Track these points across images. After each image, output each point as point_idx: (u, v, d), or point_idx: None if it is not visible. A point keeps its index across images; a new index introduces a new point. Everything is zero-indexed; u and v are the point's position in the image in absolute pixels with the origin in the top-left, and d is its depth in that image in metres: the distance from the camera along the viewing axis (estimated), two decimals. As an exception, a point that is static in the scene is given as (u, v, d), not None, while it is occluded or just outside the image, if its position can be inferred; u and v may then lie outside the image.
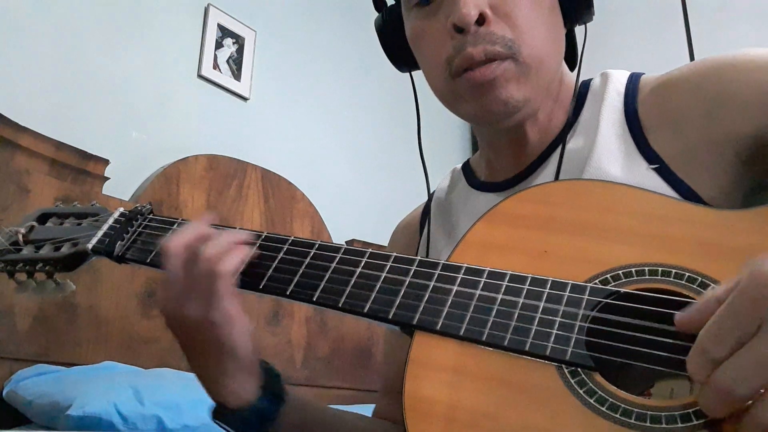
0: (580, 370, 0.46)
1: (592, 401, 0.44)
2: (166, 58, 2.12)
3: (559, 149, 0.68)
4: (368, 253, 0.60)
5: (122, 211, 0.74)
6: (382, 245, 1.42)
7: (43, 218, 0.78)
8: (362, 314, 0.56)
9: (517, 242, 0.56)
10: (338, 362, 2.21)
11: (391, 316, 0.55)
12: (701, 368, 0.37)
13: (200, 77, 2.21)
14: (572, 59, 0.74)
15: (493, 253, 0.56)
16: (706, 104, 0.60)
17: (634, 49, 2.65)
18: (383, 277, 0.58)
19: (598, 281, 0.51)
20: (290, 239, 0.65)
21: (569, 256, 0.53)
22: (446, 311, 0.53)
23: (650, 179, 0.60)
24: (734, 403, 0.36)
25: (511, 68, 0.63)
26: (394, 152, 2.75)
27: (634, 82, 0.69)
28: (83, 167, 1.69)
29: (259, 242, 0.65)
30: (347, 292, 0.58)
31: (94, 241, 0.70)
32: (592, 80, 0.73)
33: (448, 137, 3.15)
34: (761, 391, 0.35)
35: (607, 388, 0.45)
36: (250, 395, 0.62)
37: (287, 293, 0.60)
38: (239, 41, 2.36)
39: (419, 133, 0.81)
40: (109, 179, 1.75)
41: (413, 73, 0.78)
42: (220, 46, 2.29)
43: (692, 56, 2.49)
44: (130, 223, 0.72)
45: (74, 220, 0.76)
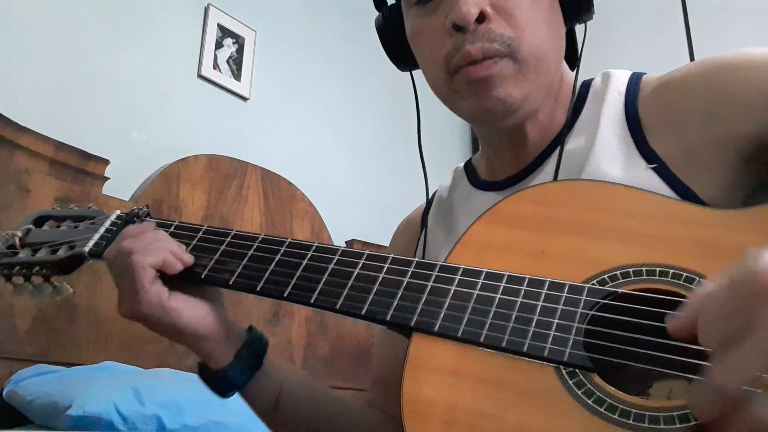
0: (578, 371, 0.46)
1: (590, 402, 0.44)
2: (166, 58, 2.12)
3: (558, 149, 0.68)
4: (366, 254, 0.60)
5: (119, 213, 0.74)
6: (382, 245, 1.42)
7: (39, 221, 0.77)
8: (360, 316, 0.56)
9: (515, 243, 0.56)
10: (338, 362, 2.21)
11: (388, 317, 0.55)
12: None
13: (200, 77, 2.21)
14: (572, 58, 0.74)
15: (490, 253, 0.56)
16: (706, 104, 0.60)
17: (634, 48, 2.65)
18: (381, 278, 0.57)
19: (595, 282, 0.50)
20: (287, 241, 0.65)
21: (567, 256, 0.53)
22: (444, 313, 0.53)
23: (649, 179, 0.60)
24: (725, 403, 0.35)
25: (508, 66, 0.63)
26: (394, 152, 2.75)
27: (635, 82, 0.68)
28: (83, 167, 1.69)
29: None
30: (344, 294, 0.58)
31: (90, 244, 0.70)
32: (593, 80, 0.73)
33: (448, 137, 3.14)
34: (758, 390, 0.34)
35: (605, 389, 0.45)
36: (222, 361, 0.65)
37: (284, 296, 0.60)
38: (239, 41, 2.36)
39: (419, 133, 0.81)
40: (109, 179, 1.76)
41: (413, 72, 0.78)
42: (220, 46, 2.29)
43: (692, 56, 2.49)
44: (126, 225, 0.71)
45: (71, 222, 0.76)
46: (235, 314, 0.73)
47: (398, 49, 0.75)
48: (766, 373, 0.34)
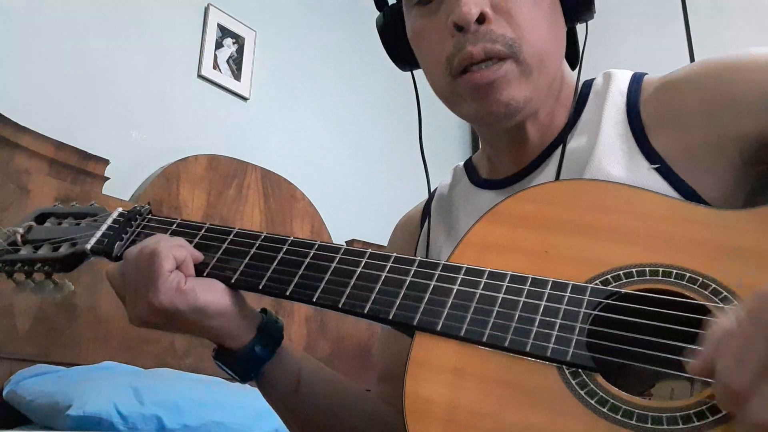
0: (581, 371, 0.46)
1: (593, 402, 0.44)
2: (166, 57, 2.12)
3: (560, 148, 0.68)
4: (368, 253, 0.60)
5: (121, 211, 0.74)
6: (382, 245, 1.42)
7: (41, 218, 0.77)
8: (362, 315, 0.56)
9: (517, 242, 0.56)
10: (338, 362, 2.21)
11: (391, 316, 0.54)
12: (730, 404, 0.37)
13: (200, 77, 2.21)
14: (573, 58, 0.74)
15: (493, 253, 0.56)
16: (708, 105, 0.60)
17: (634, 48, 2.65)
18: (383, 277, 0.57)
19: (598, 282, 0.50)
20: (290, 239, 0.64)
21: (570, 256, 0.53)
22: (447, 312, 0.52)
23: (651, 179, 0.60)
24: None
25: (512, 69, 0.63)
26: (394, 152, 2.75)
27: (637, 82, 0.68)
28: (83, 167, 1.69)
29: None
30: (347, 292, 0.58)
31: (92, 241, 0.70)
32: (594, 80, 0.73)
33: (448, 136, 3.14)
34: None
35: (608, 389, 0.45)
36: (244, 337, 0.65)
37: (287, 294, 0.60)
38: (239, 41, 2.36)
39: (420, 132, 0.81)
40: (109, 179, 1.76)
41: (414, 72, 0.78)
42: (220, 46, 2.29)
43: (692, 56, 2.49)
44: (128, 223, 0.71)
45: (73, 220, 0.76)
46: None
47: (399, 49, 0.75)
48: None
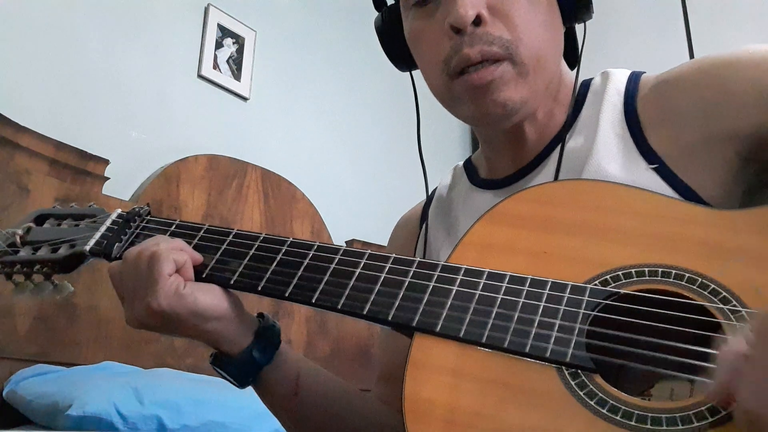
0: (580, 371, 0.46)
1: (592, 403, 0.44)
2: (166, 57, 2.12)
3: (558, 148, 0.68)
4: (367, 254, 0.60)
5: (120, 212, 0.74)
6: (382, 245, 1.42)
7: (40, 219, 0.77)
8: (361, 316, 0.56)
9: (516, 243, 0.56)
10: (338, 362, 2.21)
11: (390, 317, 0.54)
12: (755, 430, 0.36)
13: (200, 77, 2.21)
14: (572, 57, 0.74)
15: (492, 253, 0.56)
16: (705, 103, 0.60)
17: (634, 48, 2.65)
18: (382, 278, 0.57)
19: (597, 282, 0.50)
20: (289, 240, 0.64)
21: (569, 256, 0.53)
22: (446, 313, 0.52)
23: (650, 179, 0.60)
24: None
25: (509, 70, 0.63)
26: (394, 152, 2.75)
27: (634, 81, 0.68)
28: (83, 167, 1.69)
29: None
30: (346, 293, 0.57)
31: (91, 242, 0.70)
32: (592, 79, 0.73)
33: (447, 137, 3.14)
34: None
35: (607, 390, 0.45)
36: (242, 341, 0.65)
37: (286, 295, 0.60)
38: (239, 41, 2.36)
39: (418, 133, 0.81)
40: (109, 179, 1.76)
41: (413, 72, 0.78)
42: (220, 46, 2.29)
43: (692, 56, 2.49)
44: (128, 224, 0.71)
45: (72, 221, 0.75)
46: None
47: (397, 49, 0.75)
48: None
